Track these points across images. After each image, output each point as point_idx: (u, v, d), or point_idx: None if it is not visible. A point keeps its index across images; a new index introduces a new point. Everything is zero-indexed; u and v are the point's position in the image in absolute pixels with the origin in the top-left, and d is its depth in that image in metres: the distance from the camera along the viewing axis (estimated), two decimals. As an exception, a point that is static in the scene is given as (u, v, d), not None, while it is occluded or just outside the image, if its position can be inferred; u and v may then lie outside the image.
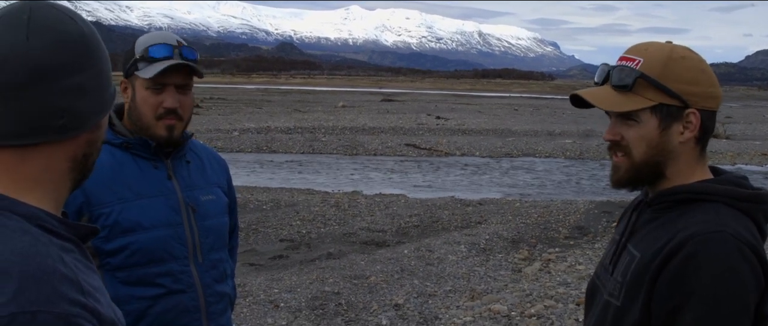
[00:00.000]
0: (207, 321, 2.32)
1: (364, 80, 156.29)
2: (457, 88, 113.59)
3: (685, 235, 1.58)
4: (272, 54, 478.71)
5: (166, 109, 2.27)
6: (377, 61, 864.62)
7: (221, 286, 2.39)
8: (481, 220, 11.60)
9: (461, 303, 7.10)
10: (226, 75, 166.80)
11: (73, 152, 1.24)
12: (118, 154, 2.27)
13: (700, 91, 1.66)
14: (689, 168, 1.70)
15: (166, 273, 2.24)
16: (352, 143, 24.35)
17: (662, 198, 1.71)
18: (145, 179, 2.27)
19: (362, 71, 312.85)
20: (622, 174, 1.72)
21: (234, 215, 2.63)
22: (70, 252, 1.19)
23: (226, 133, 26.17)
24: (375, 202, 13.25)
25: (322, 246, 9.80)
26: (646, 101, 1.66)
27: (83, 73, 1.21)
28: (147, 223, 2.22)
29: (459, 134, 28.32)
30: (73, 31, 1.21)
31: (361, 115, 38.06)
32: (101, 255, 2.18)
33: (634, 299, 1.65)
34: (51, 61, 1.16)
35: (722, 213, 1.62)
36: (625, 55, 1.72)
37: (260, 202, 12.71)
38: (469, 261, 8.70)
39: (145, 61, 2.25)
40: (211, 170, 2.48)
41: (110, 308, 1.21)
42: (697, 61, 1.69)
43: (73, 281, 1.13)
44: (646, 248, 1.66)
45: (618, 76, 1.68)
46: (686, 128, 1.67)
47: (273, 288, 7.36)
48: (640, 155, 1.68)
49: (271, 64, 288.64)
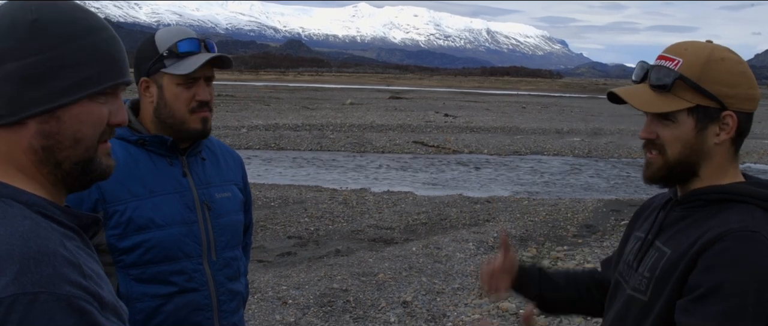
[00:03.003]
0: (219, 319, 2.33)
1: (372, 77, 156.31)
2: (465, 85, 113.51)
3: (720, 231, 1.58)
4: (280, 51, 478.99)
5: (199, 102, 2.28)
6: (385, 59, 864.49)
7: (234, 284, 2.40)
8: (489, 218, 11.61)
9: (469, 301, 7.10)
10: (235, 72, 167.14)
11: (28, 142, 1.24)
12: (133, 151, 2.27)
13: (738, 94, 1.66)
14: (722, 169, 1.71)
15: (179, 271, 2.24)
16: (360, 140, 24.36)
17: (695, 197, 1.71)
18: (160, 176, 2.27)
19: (370, 68, 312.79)
20: (656, 171, 1.73)
21: (249, 213, 2.63)
22: (71, 239, 1.21)
23: (234, 129, 26.21)
24: (383, 199, 13.26)
25: (330, 243, 9.82)
26: (683, 103, 1.66)
27: (24, 59, 1.21)
28: (161, 221, 2.22)
29: (467, 132, 28.30)
30: (19, 18, 1.21)
31: (369, 112, 38.06)
32: (115, 252, 2.18)
33: (661, 294, 1.66)
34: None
35: (757, 215, 1.62)
36: (665, 54, 1.72)
37: (268, 199, 12.74)
38: (477, 258, 8.69)
39: (174, 57, 2.25)
40: (226, 167, 2.48)
41: (112, 296, 1.22)
42: (736, 62, 1.68)
43: (74, 264, 1.15)
44: (676, 245, 1.67)
45: (656, 76, 1.68)
46: (722, 130, 1.67)
47: (281, 285, 7.38)
48: (675, 154, 1.69)
49: (280, 62, 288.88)
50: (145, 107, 2.33)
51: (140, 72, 2.30)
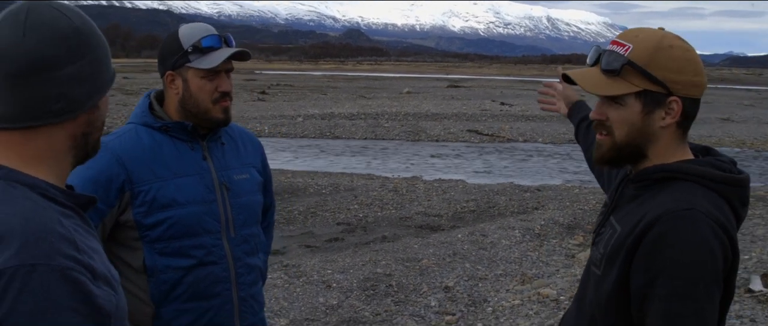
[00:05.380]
0: (237, 290, 2.52)
1: (430, 66, 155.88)
2: (524, 73, 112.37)
3: (658, 212, 1.67)
4: (339, 40, 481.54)
5: (221, 93, 2.48)
6: (444, 47, 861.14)
7: (252, 259, 2.59)
8: (538, 206, 11.62)
9: (511, 287, 7.18)
10: (294, 62, 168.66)
11: (73, 132, 1.44)
12: (157, 137, 2.47)
13: (684, 80, 1.75)
14: (669, 150, 1.79)
15: (199, 245, 2.44)
16: (414, 129, 24.47)
17: (642, 176, 1.81)
18: (182, 159, 2.47)
19: (429, 57, 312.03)
20: (605, 152, 1.83)
21: (269, 194, 2.83)
22: (69, 218, 1.40)
23: (290, 119, 26.57)
24: (433, 187, 13.37)
25: (377, 229, 9.99)
26: (631, 87, 1.75)
27: (76, 63, 1.40)
28: (182, 200, 2.42)
29: (522, 120, 28.16)
30: (66, 27, 1.40)
31: (425, 100, 38.11)
32: (141, 228, 2.39)
33: (610, 270, 1.76)
34: (46, 54, 1.37)
35: (696, 192, 1.71)
36: (617, 39, 1.81)
37: (320, 187, 12.97)
38: (523, 246, 8.75)
39: (198, 52, 2.44)
40: (245, 151, 2.67)
41: (104, 266, 1.41)
42: (684, 50, 1.77)
43: (69, 240, 1.33)
44: (625, 223, 1.77)
45: (607, 61, 1.77)
46: (668, 114, 1.75)
47: (326, 269, 7.57)
48: (622, 136, 1.78)
49: (338, 51, 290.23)
50: (170, 98, 2.53)
51: (165, 66, 2.50)
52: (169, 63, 2.48)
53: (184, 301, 2.43)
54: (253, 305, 2.60)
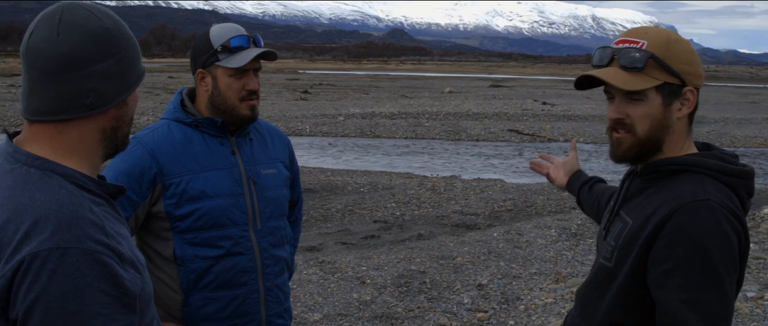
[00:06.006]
0: (263, 280, 2.64)
1: (474, 66, 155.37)
2: (568, 73, 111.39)
3: (675, 204, 1.74)
4: (383, 40, 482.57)
5: (248, 91, 2.58)
6: (488, 47, 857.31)
7: (278, 251, 2.70)
8: (575, 206, 11.55)
9: (544, 286, 7.20)
10: (337, 62, 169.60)
11: (103, 125, 1.57)
12: (188, 132, 2.60)
13: (694, 71, 1.84)
14: (680, 143, 1.87)
15: (227, 236, 2.55)
16: (455, 128, 24.49)
17: (654, 168, 1.87)
18: (211, 154, 2.59)
19: (472, 57, 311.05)
20: (627, 150, 1.88)
21: (297, 188, 2.94)
22: (99, 205, 1.53)
23: (331, 118, 26.76)
24: (471, 186, 13.41)
25: (413, 227, 10.06)
26: (653, 80, 1.82)
27: (106, 60, 1.53)
28: (211, 192, 2.54)
29: (564, 120, 27.99)
30: (97, 27, 1.52)
31: (466, 100, 38.07)
32: (172, 219, 2.52)
33: (625, 262, 1.82)
34: (78, 53, 1.49)
35: (707, 184, 1.77)
36: (626, 38, 1.88)
37: (358, 185, 13.09)
38: (558, 245, 8.76)
39: (227, 51, 2.55)
40: (273, 146, 2.78)
41: (131, 251, 1.54)
42: (688, 43, 1.87)
43: (98, 226, 1.46)
44: (637, 215, 1.83)
45: (628, 58, 1.84)
46: (684, 105, 1.84)
47: (361, 266, 7.67)
48: (644, 131, 1.84)
49: (382, 50, 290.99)
50: (201, 95, 2.65)
51: (196, 64, 2.61)
52: (200, 61, 2.60)
53: (212, 290, 2.55)
54: (279, 295, 2.70)
